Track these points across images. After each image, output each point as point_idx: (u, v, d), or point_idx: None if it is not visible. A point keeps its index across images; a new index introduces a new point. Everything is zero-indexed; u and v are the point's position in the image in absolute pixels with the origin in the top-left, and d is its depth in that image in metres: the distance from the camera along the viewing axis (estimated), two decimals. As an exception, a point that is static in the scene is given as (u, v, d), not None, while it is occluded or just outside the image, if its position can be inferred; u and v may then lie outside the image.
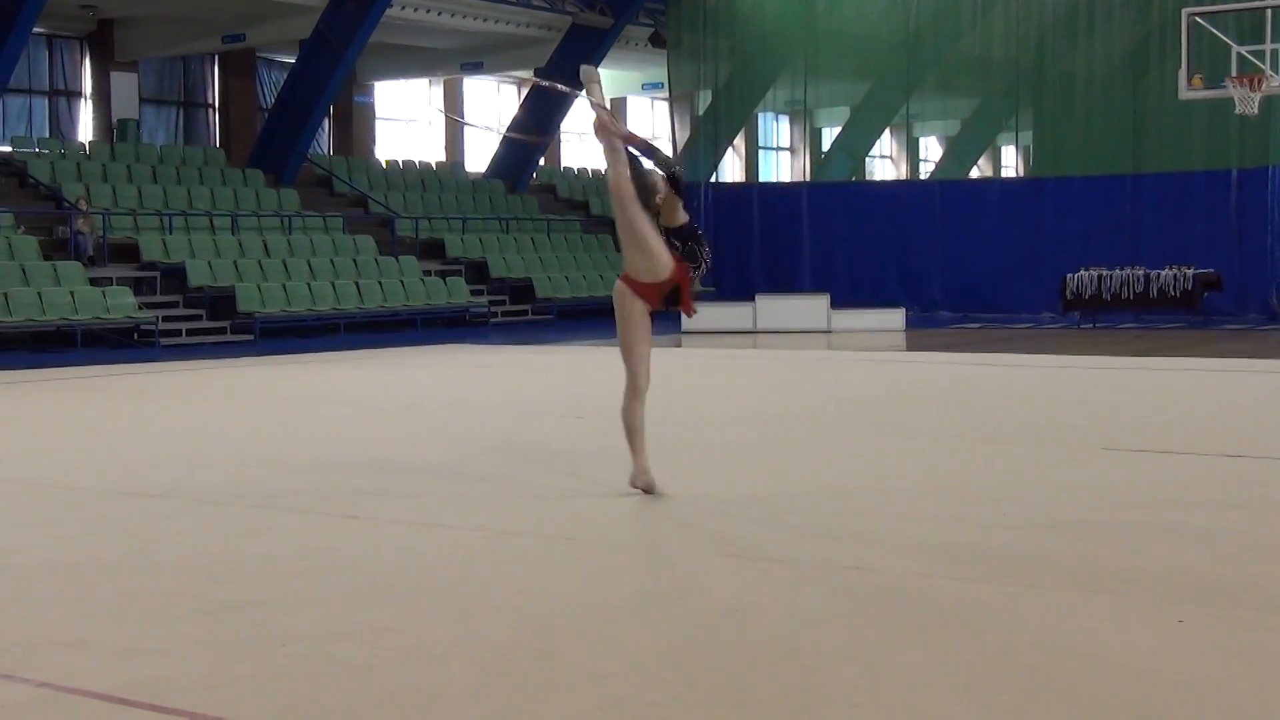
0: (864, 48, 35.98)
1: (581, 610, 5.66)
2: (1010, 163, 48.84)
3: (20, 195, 26.65)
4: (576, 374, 17.43)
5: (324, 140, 35.46)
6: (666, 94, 37.34)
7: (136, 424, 12.44)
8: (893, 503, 8.01)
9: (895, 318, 26.19)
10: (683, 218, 8.20)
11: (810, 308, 26.42)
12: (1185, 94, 23.85)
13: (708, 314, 26.55)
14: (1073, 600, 5.74)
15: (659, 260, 7.97)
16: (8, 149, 28.52)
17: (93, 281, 23.40)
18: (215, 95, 33.89)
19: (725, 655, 4.99)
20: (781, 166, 46.51)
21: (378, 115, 37.48)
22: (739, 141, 41.63)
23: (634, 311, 8.09)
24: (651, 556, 6.68)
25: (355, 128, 36.26)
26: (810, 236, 33.30)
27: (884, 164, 48.91)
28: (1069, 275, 26.84)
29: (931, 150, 51.01)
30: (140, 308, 23.38)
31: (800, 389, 15.44)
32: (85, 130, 31.22)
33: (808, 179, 38.54)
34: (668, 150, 29.59)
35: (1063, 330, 25.90)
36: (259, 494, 8.43)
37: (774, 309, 26.32)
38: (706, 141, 35.55)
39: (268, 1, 28.99)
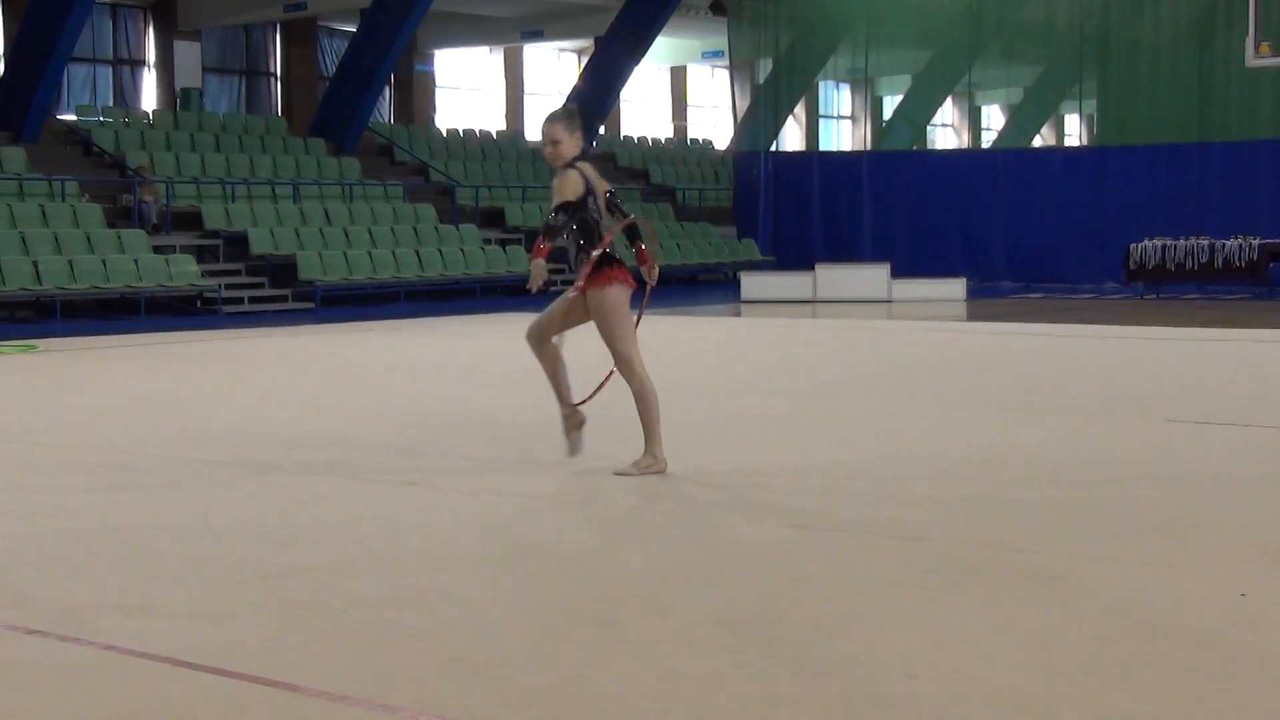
0: (926, 15, 35.70)
1: (641, 578, 5.66)
2: (1074, 131, 48.35)
3: (85, 164, 26.88)
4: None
5: (385, 109, 35.56)
6: (727, 62, 37.18)
7: (200, 391, 12.53)
8: (953, 472, 7.96)
9: (956, 287, 26.02)
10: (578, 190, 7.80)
11: (870, 277, 26.28)
12: (1253, 61, 23.52)
13: (767, 283, 26.51)
14: (1138, 570, 5.70)
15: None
16: (73, 118, 28.77)
17: (156, 249, 23.58)
18: (277, 64, 34.05)
19: (784, 624, 4.98)
20: (842, 135, 46.26)
21: (438, 84, 37.54)
22: (799, 110, 41.43)
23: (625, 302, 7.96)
24: (711, 526, 6.67)
25: (416, 96, 36.35)
26: (871, 205, 33.10)
27: (946, 132, 48.55)
28: (1133, 245, 26.58)
29: (994, 119, 50.59)
30: (203, 275, 23.55)
31: (859, 358, 15.37)
32: (149, 99, 31.43)
33: (869, 148, 38.31)
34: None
35: (1126, 300, 25.67)
36: (320, 460, 8.47)
37: (834, 278, 26.20)
38: (767, 110, 35.38)
39: (329, -30, 29.11)
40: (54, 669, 4.55)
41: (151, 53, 31.49)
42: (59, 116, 28.44)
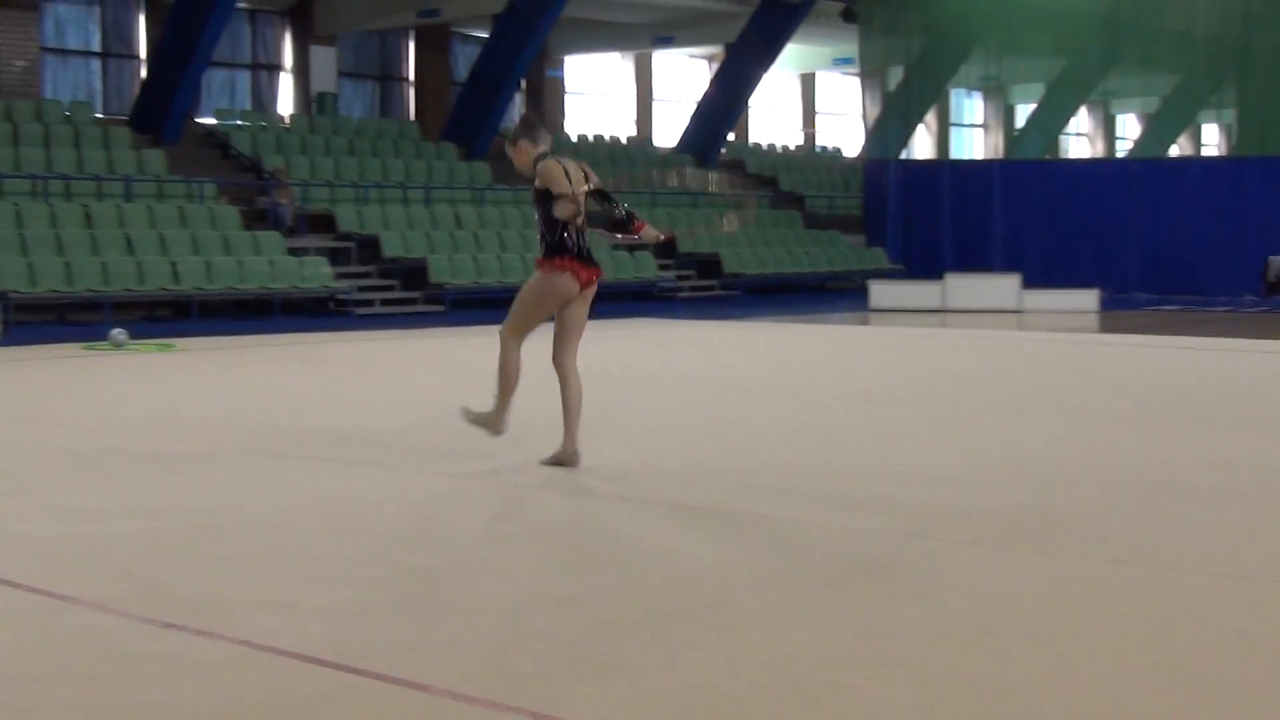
0: (1061, 22, 35.28)
1: (766, 585, 5.65)
2: (1211, 141, 47.53)
3: (223, 166, 27.38)
4: (761, 349, 17.38)
5: (515, 114, 35.80)
6: (857, 70, 36.99)
7: (332, 391, 12.70)
8: (1086, 485, 7.85)
9: (1089, 299, 25.67)
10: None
11: (1001, 287, 26.02)
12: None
13: (896, 291, 26.35)
14: (1270, 593, 5.58)
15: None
16: (211, 121, 29.32)
17: (290, 251, 23.96)
18: (411, 69, 34.45)
19: (912, 636, 4.94)
20: (974, 143, 45.84)
21: (568, 89, 37.75)
22: (930, 118, 41.12)
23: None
24: (839, 534, 6.64)
25: (546, 101, 36.57)
26: (1002, 215, 32.76)
27: (1079, 141, 47.94)
28: (1271, 257, 26.06)
29: (1129, 127, 49.85)
30: (336, 277, 23.89)
31: (987, 368, 15.21)
32: (285, 103, 31.94)
33: (1000, 156, 37.92)
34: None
35: (1264, 314, 25.15)
36: (451, 462, 8.55)
37: (963, 288, 25.97)
38: (897, 118, 35.17)
39: (463, -23, 29.38)
40: (191, 663, 4.64)
41: (288, 58, 32.00)
42: (198, 120, 29.01)
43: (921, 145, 42.04)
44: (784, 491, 7.63)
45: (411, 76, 34.48)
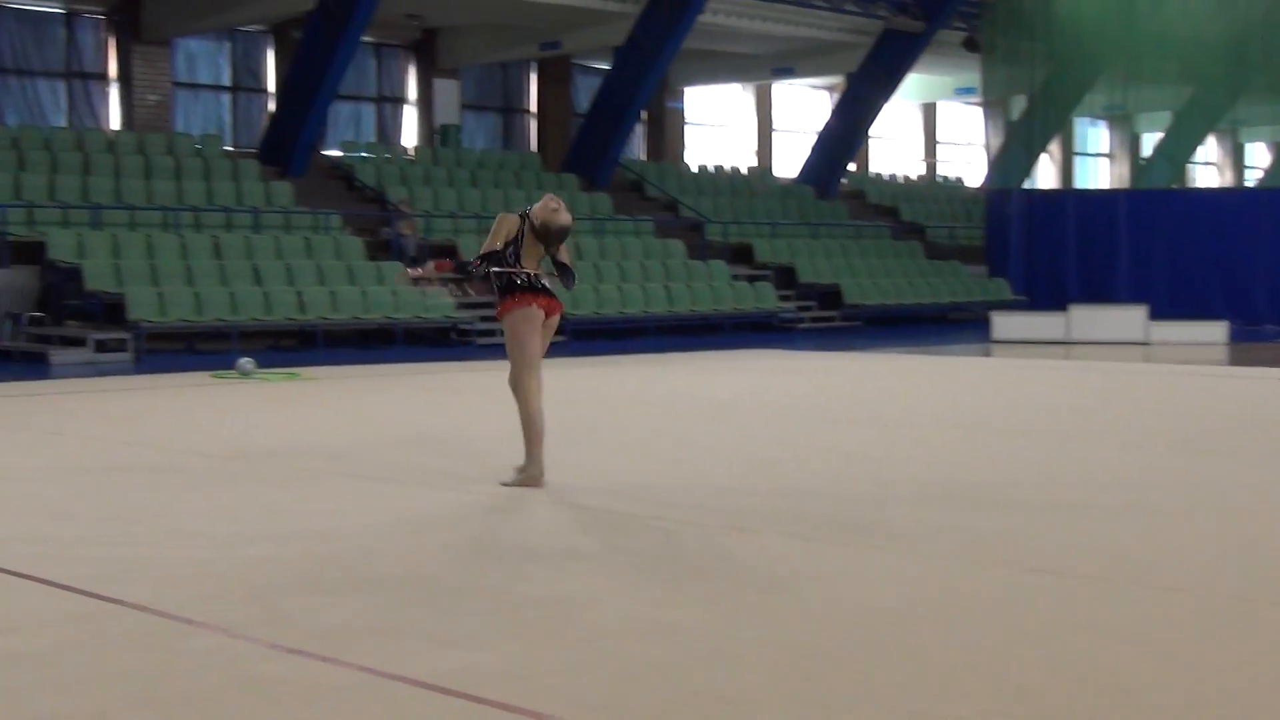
0: (1188, 50, 34.78)
1: (885, 616, 5.62)
2: (1345, 169, 46.56)
3: (347, 198, 27.78)
4: (882, 381, 17.29)
5: (636, 145, 35.99)
6: (979, 99, 36.73)
7: (455, 419, 12.82)
8: (1210, 522, 7.72)
9: (1217, 331, 25.22)
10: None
11: (1127, 319, 25.65)
12: None
13: (1019, 323, 26.09)
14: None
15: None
16: (337, 153, 29.78)
17: (414, 283, 24.20)
18: (532, 101, 34.74)
19: (1032, 672, 4.89)
20: (1098, 173, 45.29)
21: (689, 120, 37.86)
22: (1054, 147, 40.71)
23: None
24: (959, 566, 6.58)
25: (667, 133, 36.72)
26: (1128, 245, 32.30)
27: (1207, 170, 47.20)
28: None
29: (1259, 156, 48.99)
30: (457, 308, 24.09)
31: (1112, 402, 14.99)
32: (409, 135, 32.35)
33: (1126, 186, 37.43)
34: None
35: (1399, 346, 24.56)
36: (569, 491, 8.59)
37: (1088, 319, 25.64)
38: (1020, 148, 34.85)
39: (583, 9, 29.57)
40: (314, 689, 4.71)
41: (413, 90, 32.42)
42: (324, 152, 29.49)
43: (1045, 175, 41.62)
44: (896, 524, 7.59)
45: (533, 108, 34.77)
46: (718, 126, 38.78)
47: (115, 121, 28.23)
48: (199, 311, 21.48)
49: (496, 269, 8.67)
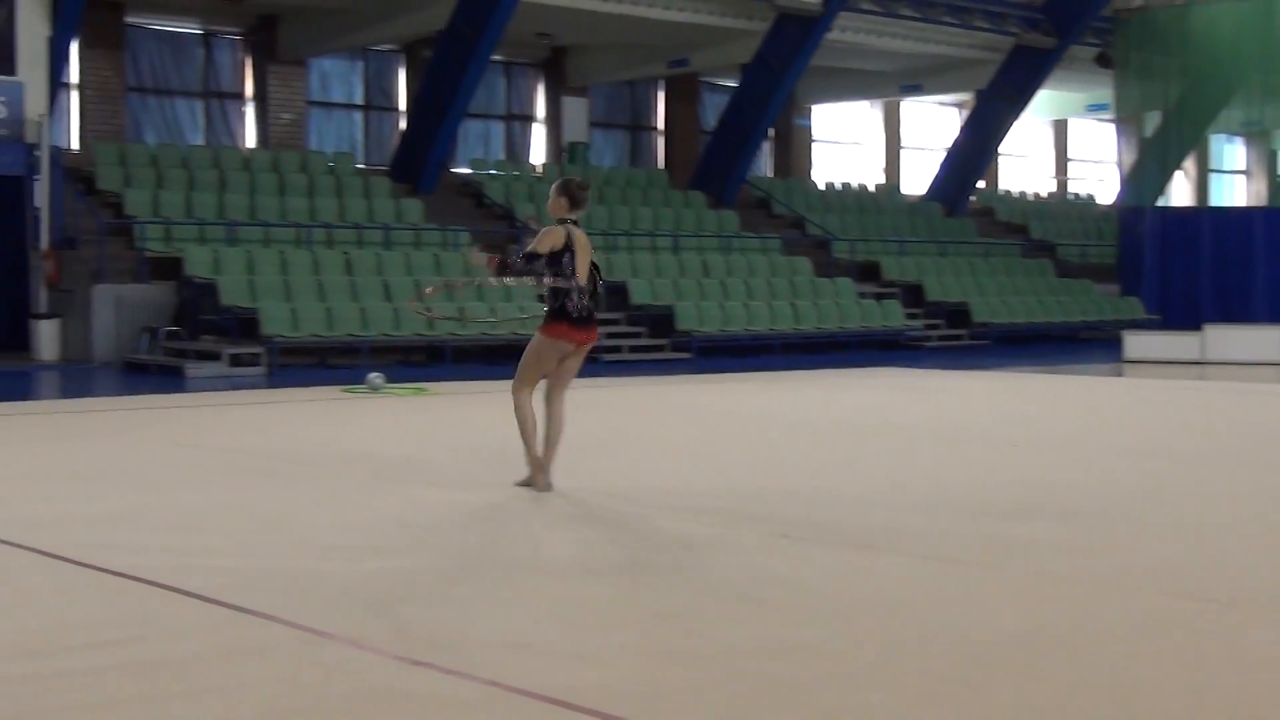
0: (1328, 64, 33.98)
1: (1011, 641, 5.51)
2: None
3: (477, 215, 28.01)
4: (1011, 400, 17.05)
5: (763, 162, 35.92)
6: (1112, 115, 36.18)
7: (579, 437, 12.82)
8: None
9: (1358, 351, 24.57)
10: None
11: (1264, 339, 25.08)
12: None
13: (1152, 342, 25.62)
14: None
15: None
16: (466, 171, 30.04)
17: (540, 297, 24.30)
18: (660, 119, 34.81)
19: (1172, 700, 4.76)
20: (1235, 190, 44.43)
21: (816, 137, 37.72)
22: (1189, 164, 39.99)
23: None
24: (1095, 591, 6.44)
25: (794, 150, 36.62)
26: (1265, 264, 31.59)
27: (1348, 188, 46.08)
28: None
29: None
30: (584, 324, 24.17)
31: (1248, 424, 14.63)
32: (538, 153, 32.55)
33: (1264, 203, 36.65)
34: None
35: None
36: (694, 507, 8.55)
37: (1224, 339, 25.10)
38: (1154, 165, 34.25)
39: (711, 28, 29.56)
40: (439, 702, 4.71)
41: (541, 108, 32.63)
42: (454, 170, 29.76)
43: (1179, 192, 40.89)
44: (1022, 545, 7.45)
45: (661, 125, 34.84)
46: (845, 143, 38.59)
47: (251, 140, 28.72)
48: (330, 326, 21.74)
49: (555, 286, 8.95)
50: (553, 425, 9.20)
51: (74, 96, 26.54)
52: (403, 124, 29.85)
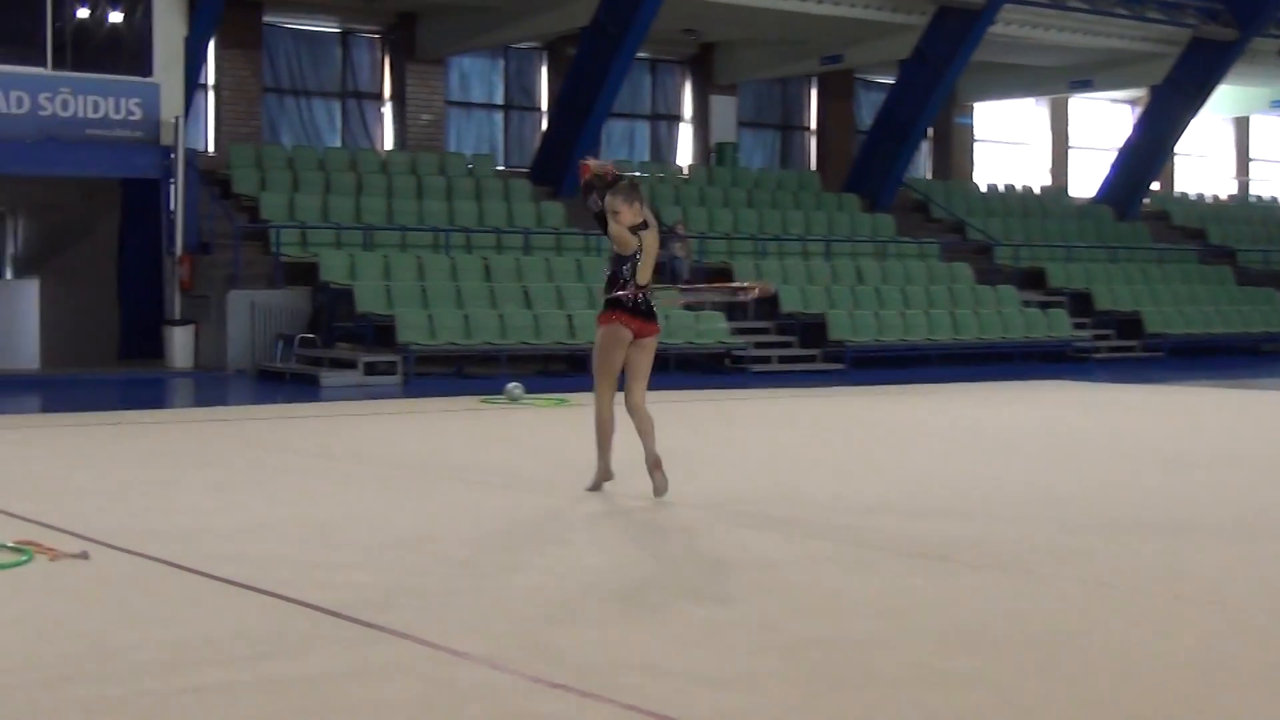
0: None
1: (1188, 675, 5.40)
2: None
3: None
4: (1186, 416, 16.73)
5: (921, 163, 35.65)
6: (1299, 111, 35.41)
7: (725, 450, 12.82)
8: None
9: None
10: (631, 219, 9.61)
11: None
12: None
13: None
14: None
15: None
16: (610, 173, 30.09)
17: (687, 306, 24.33)
18: (812, 118, 34.70)
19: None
20: None
21: (977, 137, 37.34)
22: (1381, 163, 38.98)
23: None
24: (1270, 622, 6.30)
25: (954, 150, 36.28)
26: None
27: None
28: None
29: None
30: (732, 333, 24.16)
31: None
32: (685, 154, 32.60)
33: None
34: None
35: None
36: (842, 528, 8.49)
37: None
38: (1345, 163, 33.43)
39: (867, 22, 29.40)
40: (576, 725, 4.73)
41: (688, 107, 32.70)
42: (597, 172, 29.86)
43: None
44: (1195, 571, 7.31)
45: (813, 125, 34.74)
46: (1009, 143, 38.15)
47: (388, 141, 29.13)
48: (468, 334, 21.96)
49: (612, 287, 9.59)
50: (641, 423, 9.53)
51: (210, 98, 27.12)
52: (544, 124, 30.08)
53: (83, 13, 22.78)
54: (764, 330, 25.46)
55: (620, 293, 9.53)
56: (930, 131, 34.53)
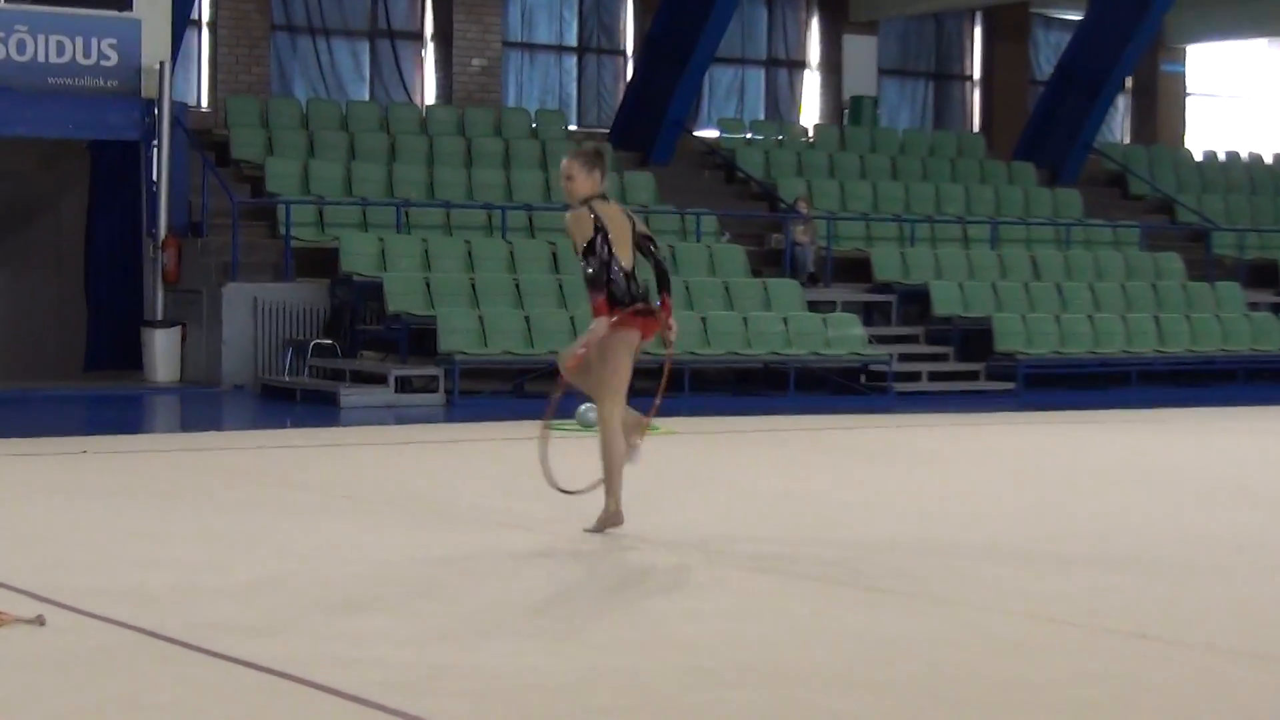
0: None
1: None
2: None
3: (727, 193, 28.01)
4: None
5: (1117, 124, 35.40)
6: None
7: (861, 494, 12.72)
8: None
9: None
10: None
11: None
12: None
13: None
14: None
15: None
16: (713, 134, 30.04)
17: (811, 306, 24.22)
18: (975, 64, 34.51)
19: None
20: None
21: (1191, 90, 37.04)
22: None
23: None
24: None
25: (1160, 107, 35.98)
26: None
27: None
28: None
29: None
30: (870, 342, 24.01)
31: None
32: (810, 111, 32.49)
33: None
34: None
35: None
36: (1019, 596, 8.42)
37: None
38: None
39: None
40: None
41: (814, 52, 32.59)
42: (696, 133, 29.81)
43: None
44: None
45: (976, 74, 34.55)
46: (1233, 98, 37.81)
47: (430, 93, 29.20)
48: (529, 342, 21.82)
49: (596, 275, 9.99)
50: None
51: (204, 38, 27.29)
52: (629, 72, 30.07)
53: (43, -71, 22.95)
54: (910, 338, 25.29)
55: (614, 289, 9.96)
56: (1129, 83, 34.22)
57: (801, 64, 32.71)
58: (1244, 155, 35.13)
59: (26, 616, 7.35)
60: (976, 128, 33.88)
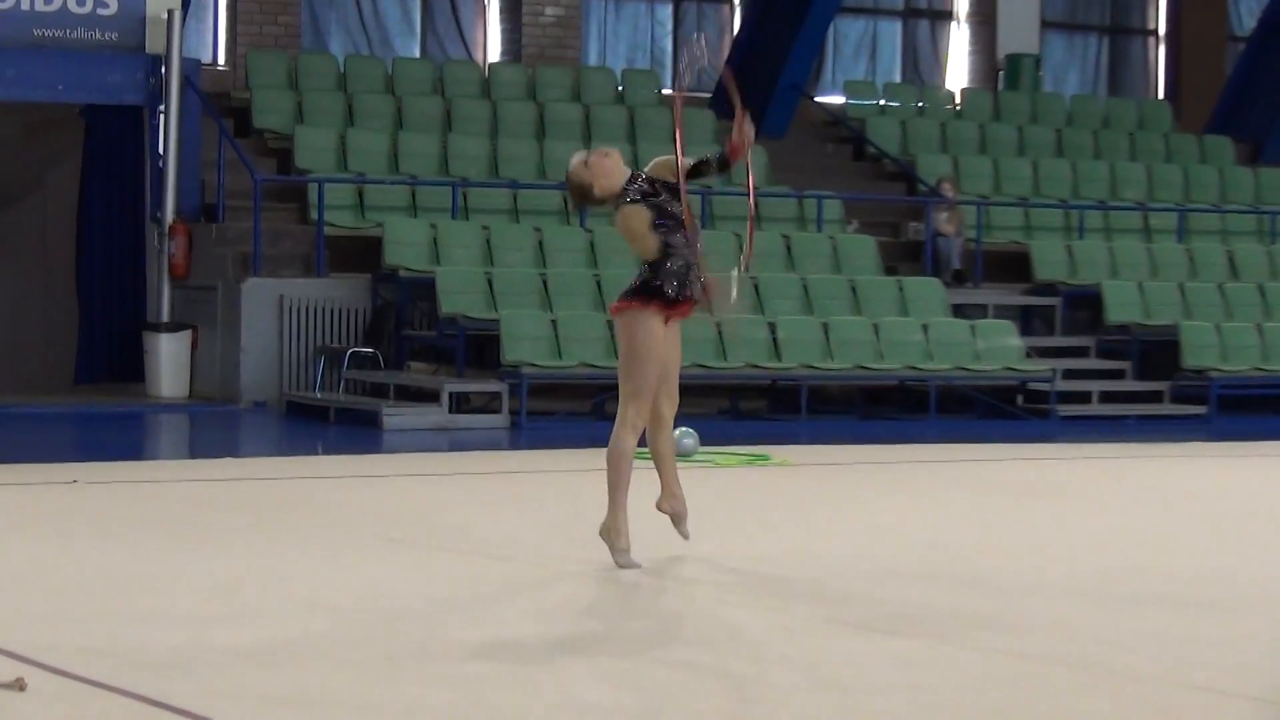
0: None
1: None
2: None
3: (853, 172, 27.98)
4: None
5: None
6: None
7: (1013, 538, 12.67)
8: None
9: None
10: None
11: None
12: None
13: None
14: None
15: None
16: (838, 100, 29.94)
17: (957, 311, 24.13)
18: (1160, 16, 34.34)
19: None
20: None
21: None
22: None
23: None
24: None
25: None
26: None
27: None
28: None
29: None
30: (1028, 355, 23.89)
31: None
32: (958, 73, 32.39)
33: None
34: None
35: None
36: (1179, 665, 8.37)
37: None
38: None
39: None
40: None
41: (963, 2, 32.48)
42: (817, 99, 29.75)
43: None
44: None
45: (1161, 28, 34.37)
46: None
47: (494, 50, 29.24)
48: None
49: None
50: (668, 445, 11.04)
51: (221, -17, 27.47)
52: (736, 24, 30.07)
53: None
54: (1079, 351, 25.16)
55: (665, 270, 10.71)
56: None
57: (947, 14, 32.65)
58: None
59: (3, 680, 7.38)
60: (1161, 94, 33.70)
